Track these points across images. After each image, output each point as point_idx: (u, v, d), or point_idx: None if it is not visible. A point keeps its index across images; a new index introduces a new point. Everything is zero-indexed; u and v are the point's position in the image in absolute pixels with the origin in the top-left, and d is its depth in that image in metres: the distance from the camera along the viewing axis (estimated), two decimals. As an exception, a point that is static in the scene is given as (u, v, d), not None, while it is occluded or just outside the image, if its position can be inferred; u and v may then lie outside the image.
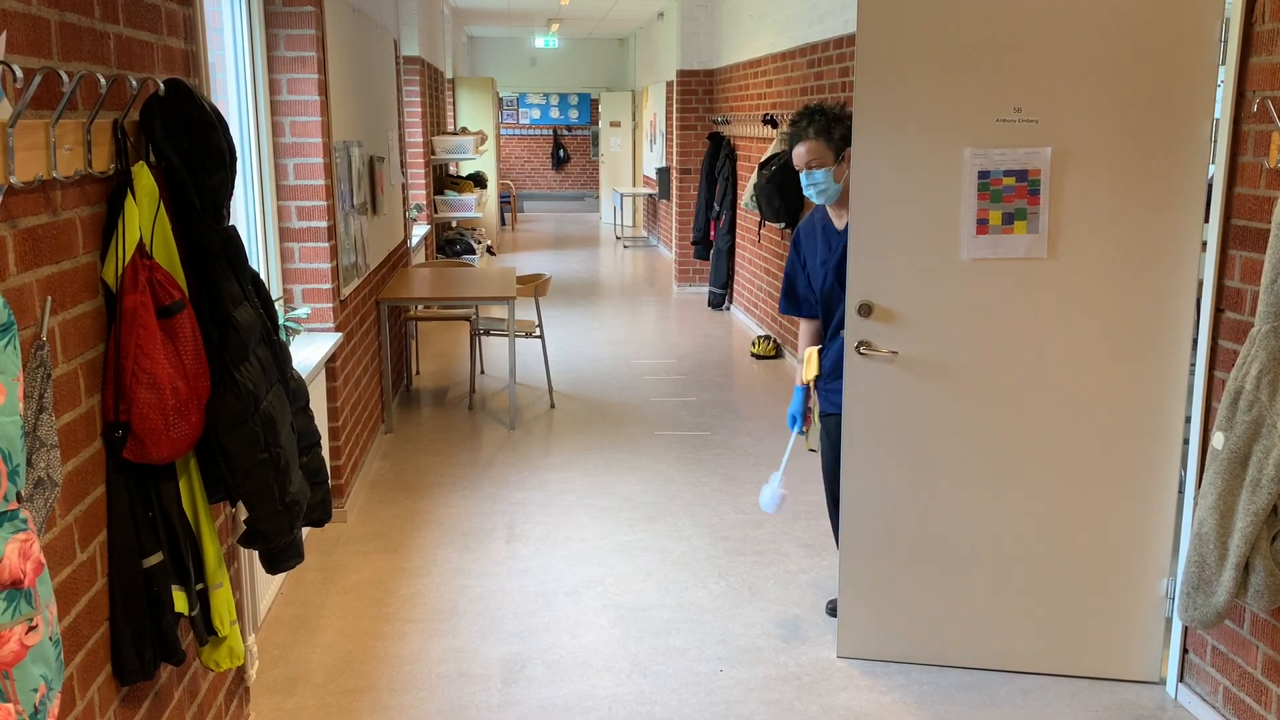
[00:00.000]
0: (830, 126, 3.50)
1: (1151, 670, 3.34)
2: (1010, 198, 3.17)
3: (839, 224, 3.58)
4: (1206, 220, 3.10)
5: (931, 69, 3.15)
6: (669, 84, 12.40)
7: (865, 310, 3.30)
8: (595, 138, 19.97)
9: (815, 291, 3.64)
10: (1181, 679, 3.26)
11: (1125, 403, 3.22)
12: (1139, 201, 3.12)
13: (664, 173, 12.85)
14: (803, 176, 3.52)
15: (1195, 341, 3.15)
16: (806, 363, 3.65)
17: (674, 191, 11.79)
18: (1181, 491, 3.26)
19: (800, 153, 3.51)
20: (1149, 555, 3.29)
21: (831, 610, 3.77)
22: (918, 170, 3.21)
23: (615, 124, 17.78)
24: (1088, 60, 3.08)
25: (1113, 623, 3.35)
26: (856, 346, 3.32)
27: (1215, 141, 3.04)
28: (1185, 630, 3.25)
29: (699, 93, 11.10)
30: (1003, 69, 3.12)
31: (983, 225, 3.19)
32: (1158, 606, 3.31)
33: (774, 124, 7.91)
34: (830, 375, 3.62)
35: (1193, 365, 3.18)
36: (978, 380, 3.28)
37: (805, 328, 3.75)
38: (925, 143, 3.19)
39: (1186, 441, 3.23)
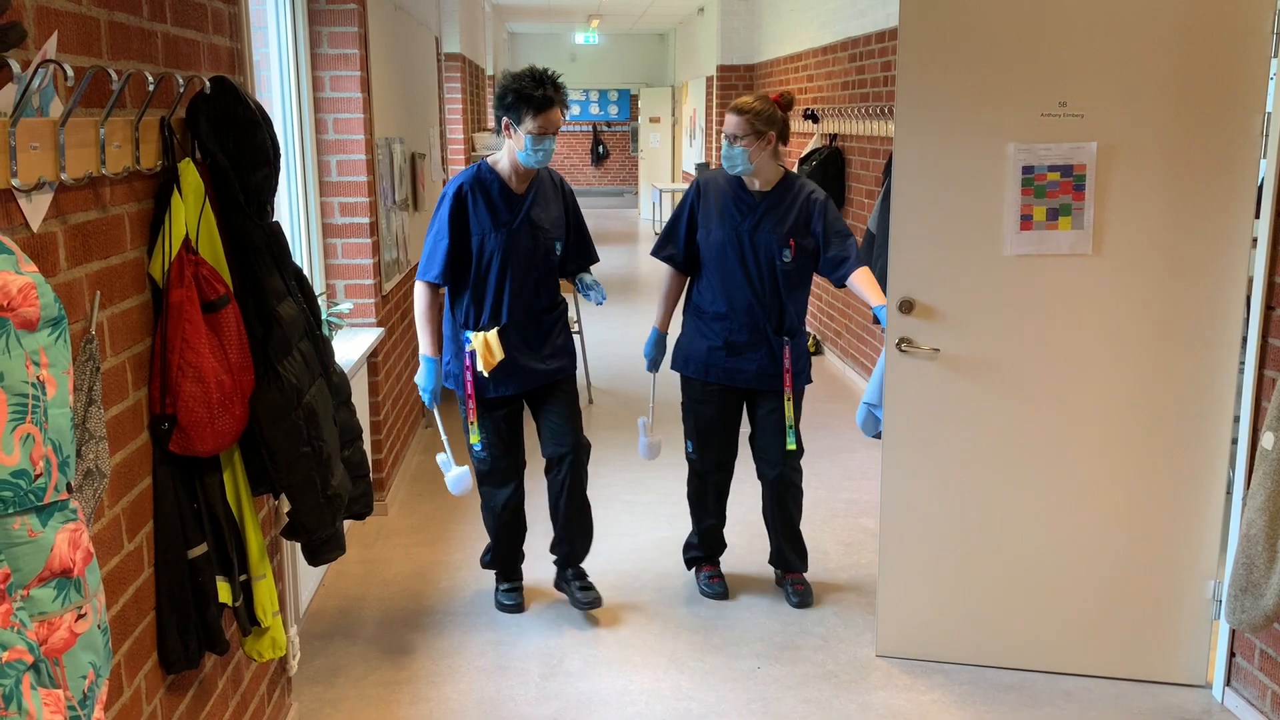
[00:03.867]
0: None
1: (1197, 674, 3.29)
2: (1055, 193, 3.13)
3: (519, 188, 3.52)
4: (1257, 216, 3.04)
5: (974, 63, 3.12)
6: (709, 79, 12.36)
7: (906, 307, 3.28)
8: (635, 133, 19.96)
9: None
10: (1228, 683, 3.20)
11: (1172, 401, 3.17)
12: (1188, 197, 3.06)
13: (703, 168, 12.83)
14: (544, 141, 3.38)
15: (1245, 339, 3.09)
16: (492, 347, 3.47)
17: (713, 187, 11.76)
18: (1230, 492, 3.20)
19: (556, 118, 3.40)
20: (1195, 557, 3.23)
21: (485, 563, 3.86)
22: (960, 165, 3.18)
23: (655, 120, 17.76)
24: (1135, 53, 3.03)
25: (1158, 625, 3.30)
26: (897, 343, 3.29)
27: (1267, 136, 2.98)
28: (1232, 633, 3.19)
29: (739, 87, 11.06)
30: (1047, 62, 3.08)
31: (1026, 221, 3.16)
32: (1204, 609, 3.25)
33: (815, 119, 7.86)
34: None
35: (1242, 363, 3.12)
36: (1021, 377, 3.25)
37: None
38: (967, 137, 3.16)
39: (1235, 441, 3.17)
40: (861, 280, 3.58)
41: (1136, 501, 3.24)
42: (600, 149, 20.28)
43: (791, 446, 3.68)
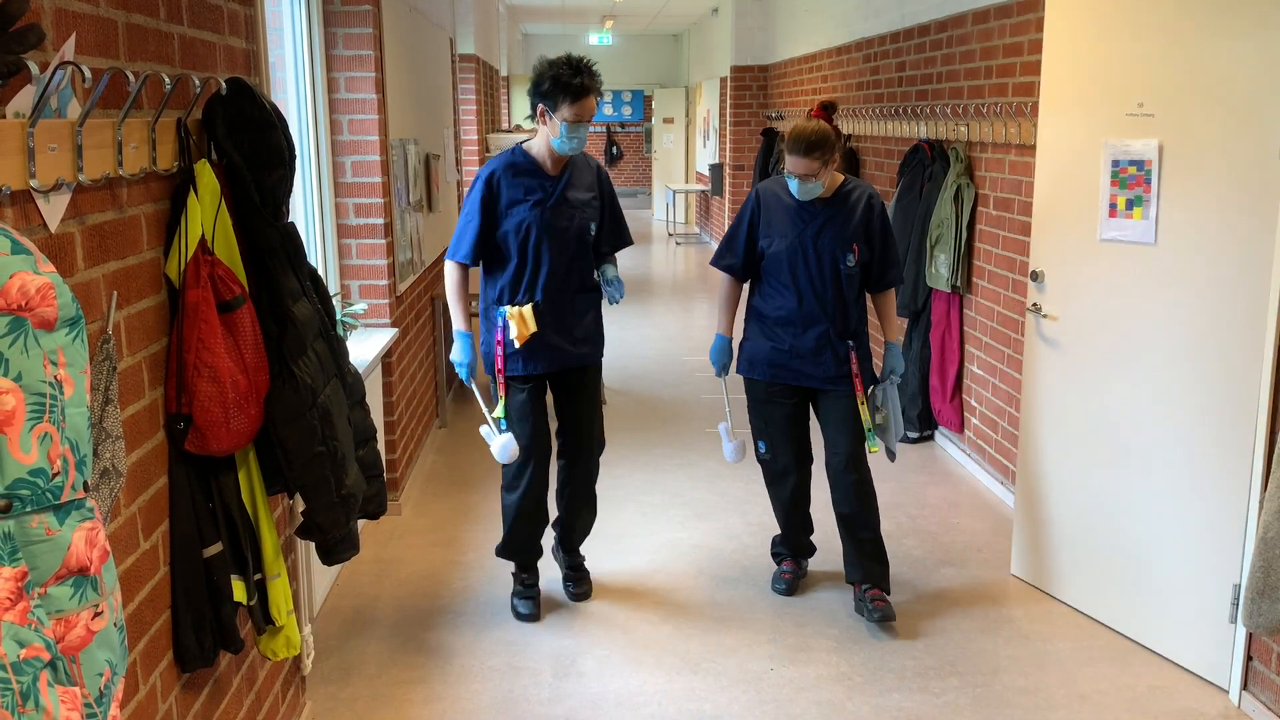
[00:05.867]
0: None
1: (1220, 671, 3.28)
2: (1133, 185, 3.40)
3: (553, 171, 3.56)
4: None
5: (1086, 72, 3.53)
6: (722, 80, 12.36)
7: (1036, 277, 3.82)
8: (648, 134, 19.96)
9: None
10: (1245, 686, 3.18)
11: (1206, 397, 3.25)
12: (1239, 196, 3.12)
13: (717, 169, 12.81)
14: (579, 129, 3.42)
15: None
16: (526, 320, 3.49)
17: (727, 188, 11.75)
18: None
19: (591, 106, 3.43)
20: (1221, 553, 3.26)
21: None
22: (1077, 158, 3.61)
23: (668, 120, 17.76)
24: (1200, 55, 3.16)
25: (1187, 611, 3.38)
26: (1029, 306, 3.85)
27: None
28: (1249, 637, 3.17)
29: (753, 88, 11.05)
30: (1131, 67, 3.37)
31: (1113, 209, 3.50)
32: (1228, 608, 3.25)
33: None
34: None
35: None
36: (1104, 353, 3.58)
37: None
38: (1081, 134, 3.59)
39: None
40: (885, 303, 3.77)
41: (1170, 490, 3.38)
42: (614, 150, 20.29)
43: (875, 449, 3.67)
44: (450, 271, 3.59)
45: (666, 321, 9.13)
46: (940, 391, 5.54)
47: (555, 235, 3.50)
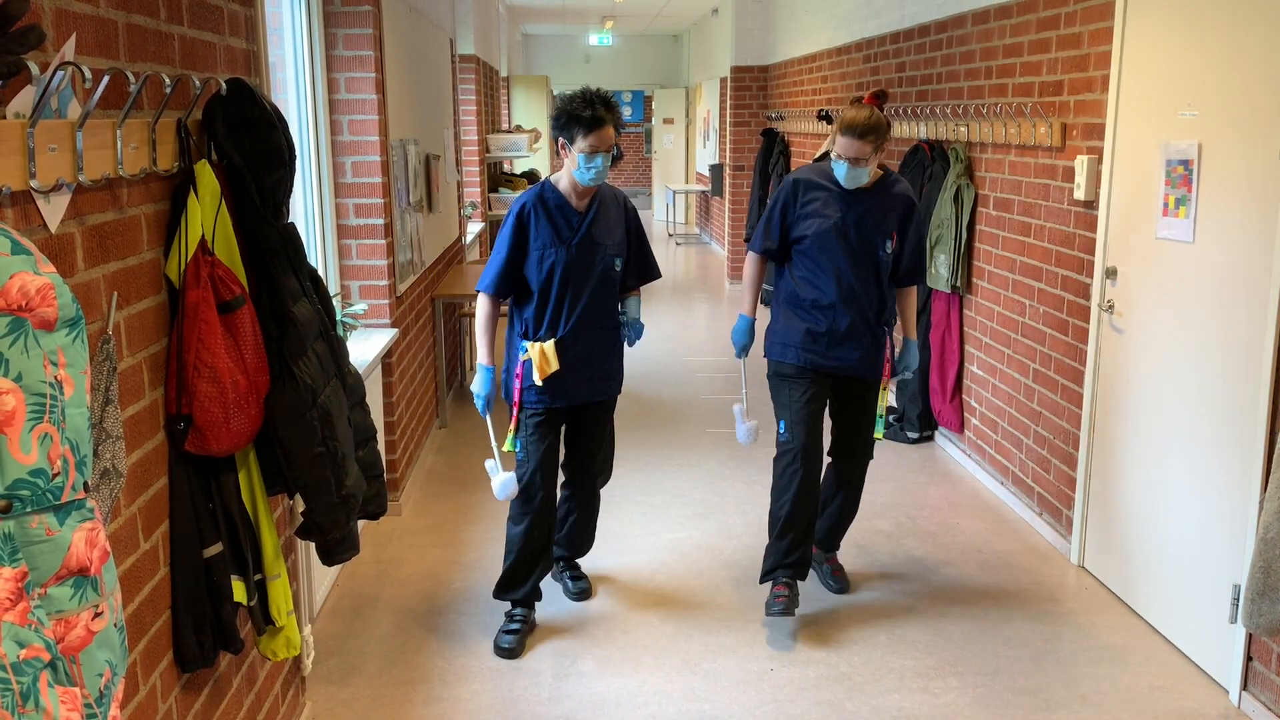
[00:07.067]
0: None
1: (1221, 671, 3.28)
2: (1180, 184, 3.45)
3: (580, 206, 3.58)
4: None
5: (1158, 74, 3.60)
6: (723, 80, 12.36)
7: (1111, 273, 3.89)
8: (649, 134, 19.95)
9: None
10: (1245, 687, 3.18)
11: (1215, 395, 3.28)
12: (1250, 196, 3.13)
13: (717, 169, 12.81)
14: (595, 158, 3.46)
15: None
16: (549, 357, 3.50)
17: (727, 188, 11.75)
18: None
19: (608, 136, 3.50)
20: (1224, 552, 3.27)
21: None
22: (1143, 158, 3.67)
23: (669, 121, 17.76)
24: (1237, 54, 3.18)
25: (1190, 609, 3.40)
26: (1103, 304, 3.95)
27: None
28: (1249, 638, 3.17)
29: (753, 89, 11.05)
30: (1189, 67, 3.41)
31: (1165, 208, 3.56)
32: (1228, 607, 3.26)
33: (829, 120, 7.84)
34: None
35: None
36: (1147, 348, 3.68)
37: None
38: (1149, 134, 3.66)
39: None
40: (907, 300, 3.84)
41: (1185, 487, 3.44)
42: (614, 150, 20.24)
43: (880, 434, 3.83)
44: (480, 304, 3.60)
45: (667, 322, 9.13)
46: (940, 392, 5.54)
47: (579, 273, 3.53)
